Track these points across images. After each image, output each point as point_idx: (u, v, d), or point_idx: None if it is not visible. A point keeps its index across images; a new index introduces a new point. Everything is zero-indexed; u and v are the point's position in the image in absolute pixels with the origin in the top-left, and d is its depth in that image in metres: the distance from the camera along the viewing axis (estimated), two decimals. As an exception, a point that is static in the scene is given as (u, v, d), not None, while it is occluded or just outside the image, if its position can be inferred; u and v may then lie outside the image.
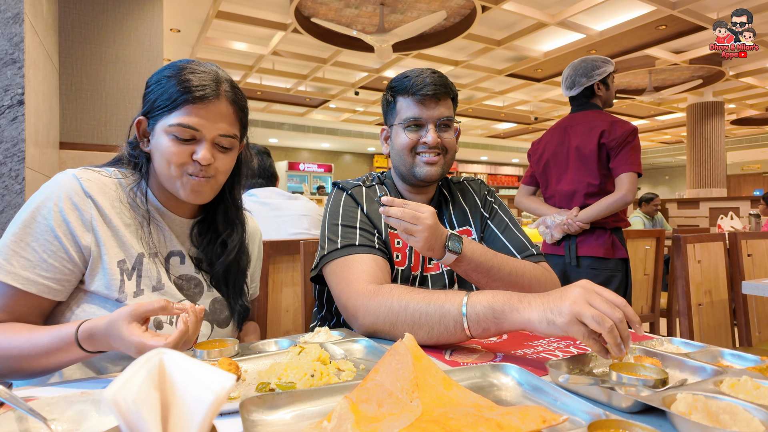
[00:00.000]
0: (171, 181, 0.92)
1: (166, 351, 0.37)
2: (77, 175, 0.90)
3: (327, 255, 1.12)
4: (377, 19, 6.12)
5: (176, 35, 6.97)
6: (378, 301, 0.96)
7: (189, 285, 0.99)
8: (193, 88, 0.88)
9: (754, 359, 0.77)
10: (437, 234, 1.01)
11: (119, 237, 0.91)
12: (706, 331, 2.06)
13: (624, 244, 2.33)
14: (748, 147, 15.42)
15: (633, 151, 2.23)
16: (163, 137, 0.90)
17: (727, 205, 7.57)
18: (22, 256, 0.83)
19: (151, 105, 0.91)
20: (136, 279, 0.91)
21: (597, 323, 0.71)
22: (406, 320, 0.92)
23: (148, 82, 0.95)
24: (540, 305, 0.79)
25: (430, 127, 1.19)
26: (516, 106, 11.31)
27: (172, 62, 0.95)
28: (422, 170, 1.20)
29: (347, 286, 1.03)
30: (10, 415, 0.57)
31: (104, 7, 3.28)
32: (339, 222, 1.16)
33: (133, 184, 0.95)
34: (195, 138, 0.90)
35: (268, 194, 2.13)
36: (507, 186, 18.46)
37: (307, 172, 15.71)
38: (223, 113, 0.92)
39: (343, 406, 0.53)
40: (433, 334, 0.90)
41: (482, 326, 0.85)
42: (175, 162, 0.89)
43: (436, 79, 1.18)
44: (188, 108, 0.88)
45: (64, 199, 0.87)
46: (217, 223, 1.04)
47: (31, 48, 2.19)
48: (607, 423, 0.51)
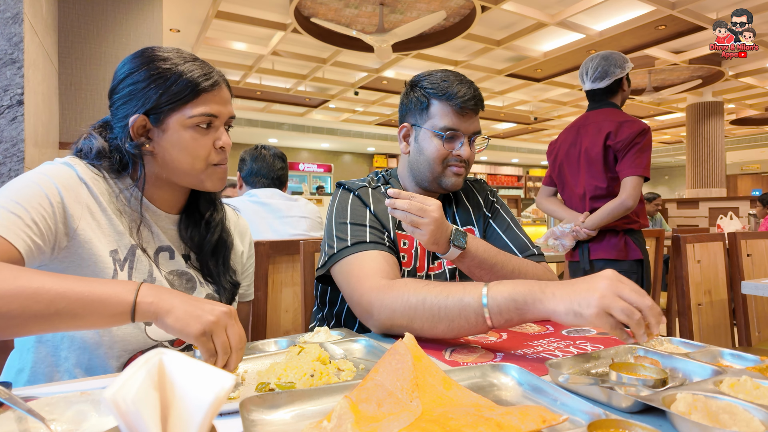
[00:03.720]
0: (194, 175, 0.92)
1: (166, 351, 0.37)
2: (69, 162, 0.88)
3: (337, 253, 1.09)
4: (377, 19, 6.12)
5: (176, 35, 6.96)
6: (393, 295, 0.94)
7: (181, 281, 0.97)
8: (203, 78, 0.89)
9: (753, 359, 0.77)
10: (443, 228, 1.00)
11: (113, 225, 0.88)
12: (706, 331, 2.07)
13: (640, 244, 2.26)
14: (747, 147, 15.43)
15: (640, 153, 2.16)
16: (180, 131, 0.89)
17: (727, 205, 7.58)
18: (12, 212, 0.77)
19: (155, 101, 0.87)
20: (128, 270, 0.89)
21: (627, 316, 0.72)
22: (424, 314, 0.90)
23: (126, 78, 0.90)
24: (566, 297, 0.78)
25: (465, 141, 1.17)
26: (515, 106, 11.32)
27: (146, 54, 0.90)
28: (449, 180, 1.19)
29: (360, 283, 1.01)
30: (9, 415, 0.57)
31: (104, 7, 3.28)
32: (348, 220, 1.13)
33: (124, 187, 0.92)
34: (212, 125, 0.91)
35: (269, 195, 2.13)
36: (507, 186, 18.47)
37: (306, 172, 15.70)
38: (227, 97, 0.95)
39: (343, 405, 0.53)
40: (453, 327, 0.88)
41: (504, 317, 0.84)
42: (201, 154, 0.90)
43: (476, 93, 1.16)
44: (204, 97, 0.89)
45: (58, 178, 0.84)
46: (199, 207, 1.03)
47: (31, 48, 2.19)
48: (607, 423, 0.51)
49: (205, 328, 0.69)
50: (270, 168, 2.18)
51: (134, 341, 0.89)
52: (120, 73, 0.91)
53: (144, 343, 0.91)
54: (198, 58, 0.93)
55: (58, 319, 0.67)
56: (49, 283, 0.68)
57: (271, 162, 2.19)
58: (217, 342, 0.70)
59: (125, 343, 0.89)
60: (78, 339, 0.87)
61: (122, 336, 0.88)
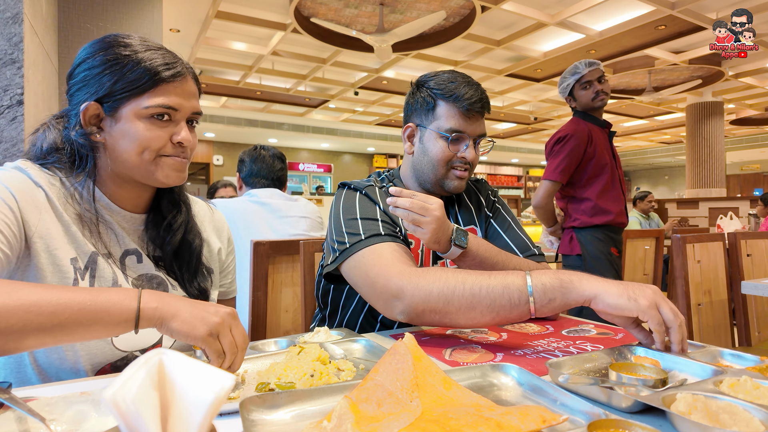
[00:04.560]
0: (142, 167, 0.85)
1: (166, 351, 0.37)
2: (20, 166, 0.82)
3: (350, 247, 1.04)
4: (377, 19, 6.12)
5: (176, 35, 6.96)
6: (429, 278, 0.91)
7: (151, 285, 0.92)
8: (163, 67, 0.83)
9: (753, 359, 0.77)
10: (444, 227, 1.00)
11: (71, 233, 0.83)
12: (706, 331, 2.07)
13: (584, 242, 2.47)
14: (747, 147, 15.42)
15: (552, 159, 2.47)
16: (134, 122, 0.83)
17: (727, 205, 7.58)
18: None
19: (109, 88, 0.82)
20: (90, 279, 0.83)
21: (673, 315, 0.78)
22: (464, 294, 0.88)
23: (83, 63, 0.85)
24: (618, 284, 0.82)
25: (470, 143, 1.16)
26: (515, 106, 11.31)
27: (107, 40, 0.85)
28: (452, 183, 1.18)
29: (385, 269, 0.96)
30: (9, 416, 0.57)
31: (104, 7, 3.28)
32: (358, 216, 1.10)
33: (77, 182, 0.85)
34: (171, 118, 0.85)
35: (269, 195, 2.13)
36: (507, 186, 18.46)
37: (306, 172, 15.69)
38: (192, 90, 0.89)
39: (343, 405, 0.53)
40: (494, 307, 0.87)
41: (548, 296, 0.84)
42: (153, 146, 0.84)
43: (483, 95, 1.16)
44: (164, 87, 0.83)
45: (11, 184, 0.79)
46: (161, 207, 0.97)
47: (31, 48, 2.19)
48: (606, 423, 0.51)
49: (211, 330, 0.69)
50: (270, 168, 2.18)
51: (100, 354, 0.85)
52: (78, 57, 0.86)
53: (111, 354, 0.86)
54: (164, 47, 0.88)
55: (60, 332, 0.65)
56: (49, 294, 0.65)
57: (271, 162, 2.19)
58: (224, 342, 0.70)
59: (91, 357, 0.84)
60: (41, 355, 0.82)
61: (88, 350, 0.83)
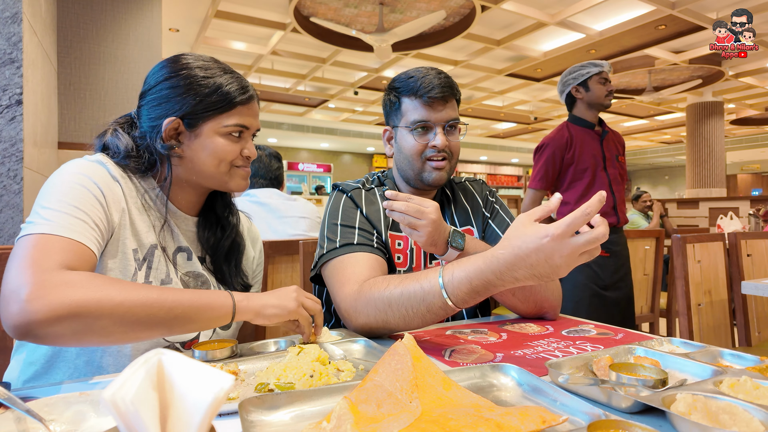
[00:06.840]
0: (218, 176, 0.96)
1: (165, 351, 0.37)
2: (101, 160, 0.90)
3: (325, 254, 1.12)
4: (376, 19, 6.12)
5: (175, 35, 6.96)
6: (363, 301, 0.97)
7: (196, 282, 1.00)
8: (240, 91, 0.95)
9: (753, 359, 0.77)
10: (440, 229, 1.01)
11: (135, 226, 0.91)
12: (706, 331, 2.07)
13: None
14: (747, 147, 15.43)
15: (534, 168, 2.55)
16: (213, 138, 0.94)
17: (727, 205, 7.58)
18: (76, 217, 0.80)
19: (191, 107, 0.92)
20: (146, 270, 0.91)
21: None
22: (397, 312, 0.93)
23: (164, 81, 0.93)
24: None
25: (438, 130, 1.17)
26: (515, 106, 11.32)
27: (185, 60, 0.95)
28: (431, 175, 1.19)
29: (340, 289, 1.04)
30: (8, 416, 0.57)
31: (103, 7, 3.28)
32: (338, 222, 1.16)
33: (146, 183, 0.95)
34: (241, 135, 0.97)
35: (268, 195, 2.13)
36: (507, 186, 18.47)
37: (306, 172, 15.70)
38: (257, 111, 1.02)
39: (342, 406, 0.53)
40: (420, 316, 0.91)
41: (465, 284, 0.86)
42: (228, 159, 0.95)
43: (443, 81, 1.17)
44: (241, 109, 0.95)
45: (97, 177, 0.86)
46: (215, 209, 1.07)
47: (30, 47, 2.19)
48: (606, 423, 0.50)
49: (297, 302, 0.87)
50: (267, 168, 2.19)
51: (147, 343, 0.90)
52: (159, 75, 0.95)
53: (157, 345, 0.91)
54: (233, 69, 0.99)
55: (176, 324, 0.77)
56: (163, 294, 0.77)
57: (268, 162, 2.19)
58: (309, 306, 0.89)
59: (137, 345, 0.90)
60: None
61: None
